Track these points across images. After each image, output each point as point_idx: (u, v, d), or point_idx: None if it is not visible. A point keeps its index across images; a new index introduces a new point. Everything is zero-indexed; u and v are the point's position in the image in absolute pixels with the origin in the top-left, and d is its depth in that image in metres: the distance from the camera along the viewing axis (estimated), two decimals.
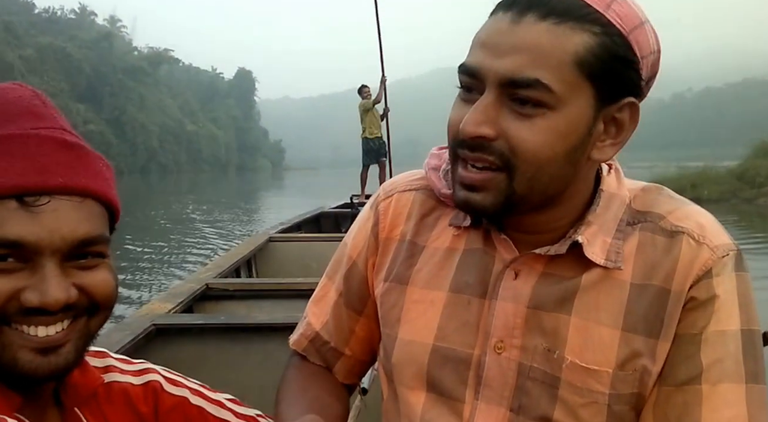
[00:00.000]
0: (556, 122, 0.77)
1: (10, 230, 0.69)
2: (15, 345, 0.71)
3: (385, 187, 1.06)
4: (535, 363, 0.85)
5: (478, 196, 0.81)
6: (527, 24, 0.75)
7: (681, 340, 0.82)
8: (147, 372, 0.96)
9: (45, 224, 0.70)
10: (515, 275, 0.88)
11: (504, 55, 0.76)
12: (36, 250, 0.70)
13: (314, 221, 8.40)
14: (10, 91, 0.76)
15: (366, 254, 1.02)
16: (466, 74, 0.80)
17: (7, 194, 0.69)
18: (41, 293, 0.70)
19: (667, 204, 0.88)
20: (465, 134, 0.78)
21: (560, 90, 0.75)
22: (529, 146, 0.77)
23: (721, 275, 0.82)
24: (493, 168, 0.79)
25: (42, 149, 0.72)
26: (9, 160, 0.71)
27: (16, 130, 0.72)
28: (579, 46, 0.75)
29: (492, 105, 0.77)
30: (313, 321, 1.07)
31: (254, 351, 2.85)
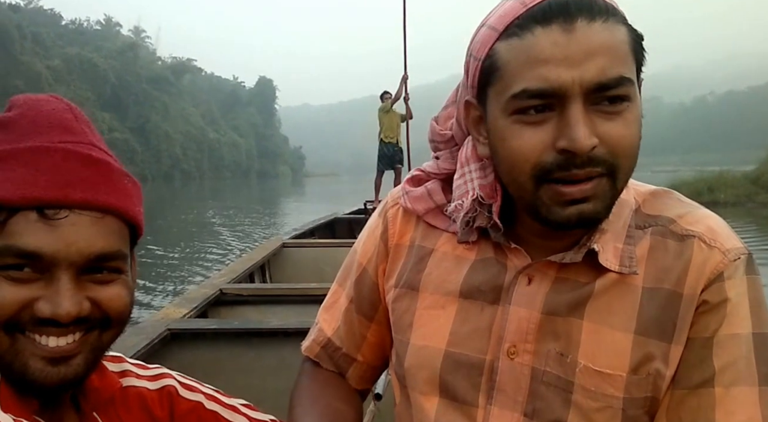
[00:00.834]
0: (636, 111, 0.77)
1: (28, 241, 0.70)
2: (26, 353, 0.72)
3: (393, 194, 1.05)
4: (548, 368, 0.85)
5: (590, 205, 0.79)
6: (583, 28, 0.74)
7: (694, 343, 0.82)
8: (162, 377, 0.97)
9: (63, 237, 0.71)
10: (529, 281, 0.87)
11: (581, 63, 0.74)
12: (52, 262, 0.71)
13: (328, 226, 8.39)
14: (45, 104, 0.77)
15: (376, 261, 1.02)
16: (539, 96, 0.76)
17: (28, 205, 0.70)
18: (54, 305, 0.71)
19: (678, 208, 0.88)
20: (581, 150, 0.75)
21: (634, 80, 0.77)
22: (628, 142, 0.77)
23: (733, 278, 0.81)
24: (598, 175, 0.78)
25: (66, 164, 0.73)
26: (33, 172, 0.71)
27: (44, 142, 0.73)
28: (626, 36, 0.76)
29: (585, 114, 0.75)
30: (325, 327, 1.08)
31: (268, 356, 2.84)
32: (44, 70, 73.91)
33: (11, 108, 0.77)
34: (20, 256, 0.70)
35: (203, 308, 3.26)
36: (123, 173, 0.79)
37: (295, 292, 3.63)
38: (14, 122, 0.75)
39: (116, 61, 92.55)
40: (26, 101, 0.77)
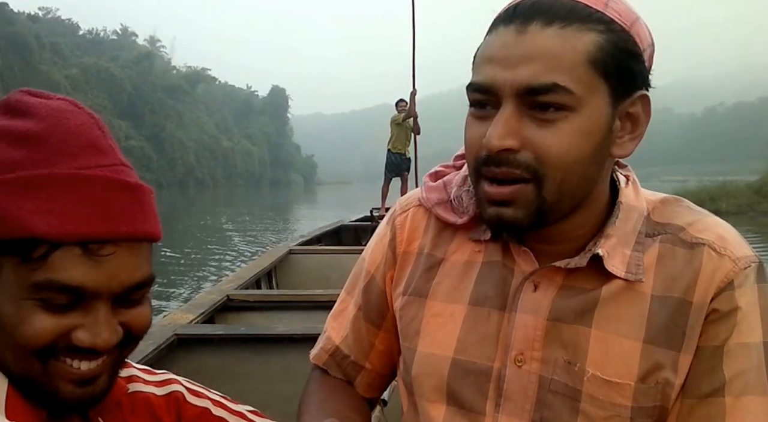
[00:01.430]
0: (579, 123, 0.76)
1: (71, 276, 0.68)
2: (58, 377, 0.72)
3: (401, 202, 1.05)
4: (555, 376, 0.83)
5: (510, 210, 0.79)
6: (534, 32, 0.75)
7: (703, 352, 0.80)
8: (170, 383, 0.96)
9: (106, 271, 0.70)
10: (534, 288, 0.86)
11: (517, 65, 0.75)
12: (94, 295, 0.70)
13: (334, 233, 8.38)
14: (70, 117, 0.73)
15: (384, 269, 1.01)
16: (479, 91, 0.79)
17: (74, 241, 0.68)
18: (93, 335, 0.71)
19: (687, 216, 0.86)
20: (490, 149, 0.76)
21: (578, 90, 0.75)
22: (556, 151, 0.76)
23: (743, 286, 0.80)
24: (521, 180, 0.77)
25: (108, 194, 0.71)
26: (76, 204, 0.69)
27: (81, 168, 0.70)
28: (589, 46, 0.75)
29: (512, 117, 0.76)
30: (333, 335, 1.07)
31: (274, 362, 2.84)
32: (62, 80, 74.59)
33: (27, 114, 0.72)
34: (62, 290, 0.69)
35: (210, 313, 3.27)
36: (149, 191, 0.77)
37: (301, 298, 3.63)
38: (43, 139, 0.71)
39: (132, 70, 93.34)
40: (48, 112, 0.72)
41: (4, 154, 0.70)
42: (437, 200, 0.97)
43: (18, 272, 0.68)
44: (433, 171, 1.03)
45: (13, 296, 0.69)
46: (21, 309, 0.69)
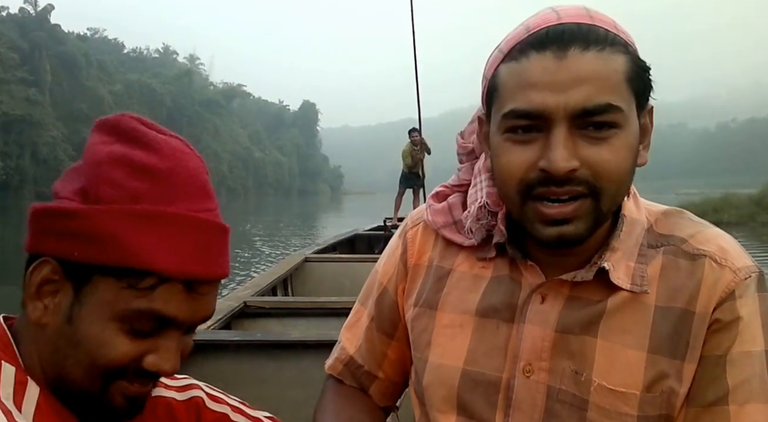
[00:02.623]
0: (627, 137, 0.76)
1: (169, 308, 0.70)
2: (114, 395, 0.73)
3: (413, 216, 1.05)
4: (563, 386, 0.83)
5: (571, 227, 0.78)
6: (575, 57, 0.74)
7: (707, 361, 0.80)
8: (190, 388, 0.95)
9: (196, 306, 0.73)
10: (542, 300, 0.86)
11: (567, 88, 0.74)
12: (177, 325, 0.73)
13: (349, 242, 8.29)
14: (188, 159, 0.74)
15: (396, 281, 1.01)
16: (526, 117, 0.77)
17: (181, 278, 0.70)
18: (163, 360, 0.73)
19: (689, 228, 0.86)
20: (557, 172, 0.75)
21: (625, 108, 0.76)
22: (613, 166, 0.76)
23: (744, 296, 0.80)
24: (579, 196, 0.77)
25: (213, 239, 0.73)
26: (187, 245, 0.70)
27: (195, 210, 0.72)
28: (623, 66, 0.76)
29: (569, 137, 0.75)
30: (347, 346, 1.06)
31: (289, 368, 2.78)
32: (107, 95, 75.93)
33: (148, 147, 0.72)
34: (154, 318, 0.70)
35: (227, 320, 3.21)
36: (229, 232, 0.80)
37: (316, 305, 3.56)
38: (165, 176, 0.71)
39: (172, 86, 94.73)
40: (171, 151, 0.73)
41: (125, 182, 0.70)
42: (443, 223, 0.97)
43: (117, 296, 0.69)
44: (434, 192, 1.02)
45: (102, 316, 0.69)
46: (106, 330, 0.70)
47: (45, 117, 64.04)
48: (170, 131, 0.77)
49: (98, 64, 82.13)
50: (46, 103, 66.12)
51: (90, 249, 0.68)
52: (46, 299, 0.71)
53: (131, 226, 0.68)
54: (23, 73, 64.31)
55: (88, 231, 0.68)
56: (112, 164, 0.71)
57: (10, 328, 0.76)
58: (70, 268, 0.70)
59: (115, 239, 0.68)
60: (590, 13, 0.78)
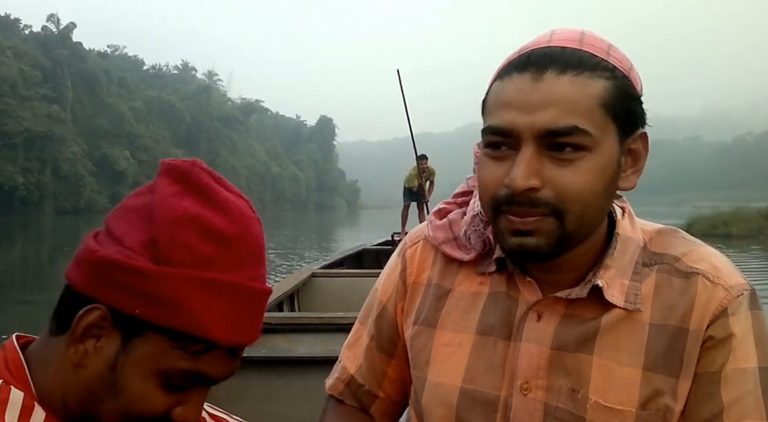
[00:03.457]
0: (595, 161, 0.77)
1: (214, 371, 0.72)
2: None
3: (411, 235, 1.05)
4: (560, 404, 0.83)
5: (532, 239, 0.79)
6: (550, 80, 0.77)
7: (701, 379, 0.80)
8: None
9: (232, 367, 0.74)
10: (538, 317, 0.86)
11: (537, 110, 0.76)
12: (210, 382, 0.74)
13: (356, 257, 8.28)
14: (253, 225, 0.75)
15: (395, 299, 1.01)
16: (497, 134, 0.80)
17: (229, 345, 0.72)
18: (192, 414, 0.74)
19: (682, 246, 0.87)
20: (515, 189, 0.77)
21: (595, 132, 0.77)
22: (576, 188, 0.77)
23: (737, 314, 0.81)
24: (543, 214, 0.79)
25: (259, 305, 0.75)
26: (237, 312, 0.71)
27: (250, 279, 0.73)
28: (600, 91, 0.77)
29: (533, 157, 0.77)
30: (348, 365, 1.05)
31: (295, 385, 2.74)
32: (127, 111, 76.78)
33: (221, 210, 0.72)
34: (195, 377, 0.72)
35: None
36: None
37: (323, 321, 3.52)
38: (234, 243, 0.72)
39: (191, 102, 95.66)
40: (240, 217, 0.74)
41: (197, 245, 0.70)
42: (443, 238, 0.98)
43: (167, 354, 0.70)
44: (436, 209, 1.03)
45: (146, 370, 0.70)
46: (148, 384, 0.70)
47: (66, 133, 64.91)
48: (235, 188, 0.78)
49: (118, 81, 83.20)
50: (68, 119, 67.02)
51: (153, 309, 0.69)
52: (87, 343, 0.71)
53: (197, 293, 0.69)
54: (45, 90, 65.32)
55: (156, 293, 0.68)
56: (187, 225, 0.70)
57: (25, 347, 0.76)
58: (122, 318, 0.70)
59: (182, 304, 0.68)
60: (584, 37, 0.80)
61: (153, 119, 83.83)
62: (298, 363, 2.75)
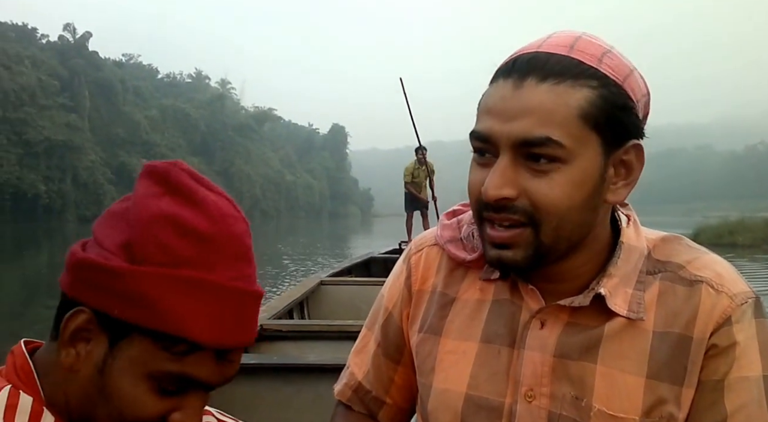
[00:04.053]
0: (570, 173, 0.76)
1: (201, 374, 0.70)
2: None
3: (416, 241, 1.05)
4: (564, 411, 0.83)
5: (510, 252, 0.80)
6: (529, 87, 0.76)
7: (704, 387, 0.80)
8: (203, 414, 0.95)
9: (224, 370, 0.73)
10: (541, 325, 0.86)
11: (513, 118, 0.76)
12: (202, 387, 0.72)
13: (364, 265, 8.24)
14: (234, 224, 0.73)
15: (400, 306, 1.01)
16: (479, 140, 0.80)
17: (213, 347, 0.70)
18: (187, 416, 0.72)
19: (686, 254, 0.86)
20: (488, 198, 0.77)
21: (570, 144, 0.75)
22: (550, 200, 0.76)
23: (741, 322, 0.80)
24: (519, 224, 0.78)
25: (247, 307, 0.73)
26: (225, 314, 0.70)
27: (234, 279, 0.71)
28: (581, 101, 0.75)
29: (509, 166, 0.77)
30: (356, 371, 1.06)
31: (305, 392, 2.74)
32: (142, 120, 77.45)
33: (198, 208, 0.71)
34: (184, 380, 0.71)
35: None
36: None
37: (332, 328, 3.53)
38: (211, 241, 0.70)
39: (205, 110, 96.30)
40: (219, 215, 0.72)
41: (172, 243, 0.69)
42: (449, 237, 0.97)
43: (152, 356, 0.69)
44: (451, 210, 1.03)
45: (134, 373, 0.70)
46: (137, 388, 0.70)
47: (84, 142, 65.59)
48: (219, 188, 0.76)
49: (134, 90, 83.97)
50: (86, 128, 67.69)
51: (129, 309, 0.68)
52: (79, 346, 0.71)
53: (171, 291, 0.68)
54: (64, 100, 66.14)
55: (129, 291, 0.68)
56: (162, 224, 0.69)
57: (33, 353, 0.76)
58: (107, 321, 0.70)
59: (155, 303, 0.68)
60: (577, 42, 0.78)
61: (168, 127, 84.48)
62: (308, 370, 2.75)
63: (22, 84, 60.59)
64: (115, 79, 77.56)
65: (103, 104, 74.40)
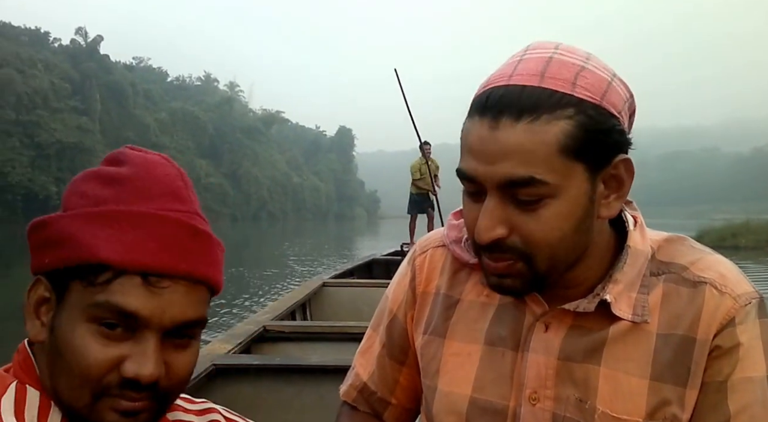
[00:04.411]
0: (558, 207, 0.75)
1: (128, 301, 0.69)
2: (105, 409, 0.71)
3: (421, 243, 1.04)
4: (568, 413, 0.83)
5: (508, 280, 0.80)
6: (505, 128, 0.74)
7: (708, 388, 0.79)
8: (209, 412, 0.94)
9: (160, 303, 0.70)
10: (545, 328, 0.86)
11: (494, 161, 0.74)
12: (145, 324, 0.70)
13: (366, 267, 8.25)
14: (159, 167, 0.75)
15: (405, 308, 1.01)
16: (466, 179, 0.79)
17: (136, 270, 0.69)
18: (140, 365, 0.70)
19: (690, 255, 0.85)
20: (481, 241, 0.77)
21: (554, 179, 0.74)
22: (540, 236, 0.76)
23: (744, 323, 0.79)
24: (512, 260, 0.78)
25: (176, 234, 0.72)
26: (144, 238, 0.70)
27: (157, 209, 0.72)
28: (558, 136, 0.73)
29: (498, 206, 0.76)
30: (361, 372, 1.05)
31: (307, 392, 2.75)
32: (152, 122, 77.69)
33: (123, 162, 0.75)
34: (118, 314, 0.69)
35: (247, 344, 3.19)
36: (217, 243, 0.78)
37: (334, 330, 3.53)
38: (128, 180, 0.73)
39: (214, 113, 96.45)
40: (141, 161, 0.75)
41: (93, 191, 0.73)
42: (454, 238, 0.97)
43: (82, 295, 0.70)
44: (458, 209, 1.00)
45: (73, 319, 0.70)
46: (77, 332, 0.70)
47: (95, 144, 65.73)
48: (155, 153, 0.78)
49: (144, 93, 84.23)
50: (96, 130, 67.95)
51: (54, 252, 0.71)
52: (43, 318, 0.73)
53: (88, 224, 0.70)
54: (75, 102, 66.42)
55: (53, 236, 0.71)
56: (84, 178, 0.75)
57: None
58: (54, 281, 0.72)
59: (73, 238, 0.70)
60: (547, 68, 0.75)
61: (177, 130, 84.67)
62: (310, 371, 2.77)
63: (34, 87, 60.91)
64: (125, 82, 77.78)
65: (114, 107, 74.65)
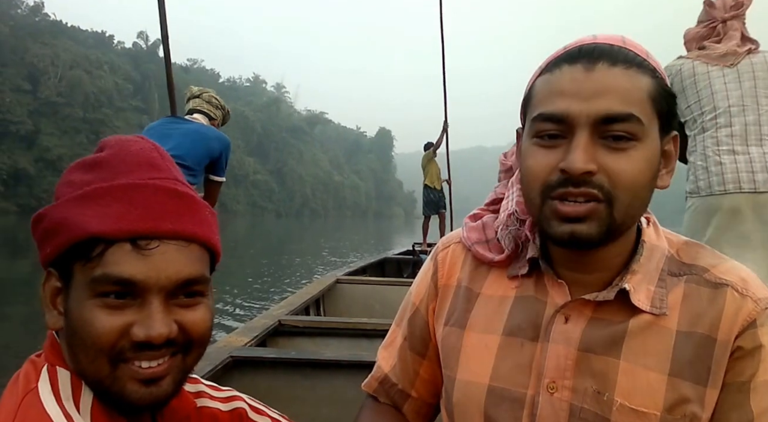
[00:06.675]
0: (644, 151, 0.76)
1: (123, 270, 0.70)
2: (125, 378, 0.72)
3: (444, 240, 1.05)
4: (585, 405, 0.81)
5: (584, 226, 0.77)
6: (602, 70, 0.76)
7: (730, 388, 0.78)
8: (234, 399, 0.96)
9: (154, 265, 0.71)
10: (566, 320, 0.85)
11: (591, 97, 0.75)
12: (145, 288, 0.71)
13: (379, 265, 8.06)
14: (133, 144, 0.77)
15: (427, 301, 1.01)
16: (552, 121, 0.78)
17: (123, 237, 0.70)
18: (147, 327, 0.71)
19: (711, 258, 0.85)
20: (574, 172, 0.75)
21: (646, 122, 0.76)
22: (628, 176, 0.76)
23: (766, 325, 0.79)
24: (595, 200, 0.77)
25: (156, 198, 0.73)
26: (127, 206, 0.71)
27: (135, 179, 0.73)
28: (648, 86, 0.77)
29: (590, 143, 0.76)
30: (383, 365, 1.05)
31: (321, 386, 2.71)
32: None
33: (103, 148, 0.77)
34: (116, 283, 0.70)
35: (263, 337, 3.15)
36: (204, 205, 0.78)
37: (347, 326, 3.45)
38: (106, 161, 0.75)
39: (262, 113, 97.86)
40: (117, 142, 0.77)
41: (79, 178, 0.74)
42: (476, 239, 0.98)
43: (83, 274, 0.71)
44: (472, 213, 1.04)
45: (81, 298, 0.71)
46: (85, 309, 0.70)
47: None
48: (140, 135, 0.80)
49: None
50: None
51: (53, 240, 0.72)
52: (59, 307, 0.74)
53: (76, 206, 0.71)
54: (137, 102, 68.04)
55: (50, 226, 0.73)
56: (70, 169, 0.77)
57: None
58: (61, 270, 0.73)
59: (65, 222, 0.71)
60: (625, 39, 0.80)
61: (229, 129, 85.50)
62: (324, 365, 2.72)
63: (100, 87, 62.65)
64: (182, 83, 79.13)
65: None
